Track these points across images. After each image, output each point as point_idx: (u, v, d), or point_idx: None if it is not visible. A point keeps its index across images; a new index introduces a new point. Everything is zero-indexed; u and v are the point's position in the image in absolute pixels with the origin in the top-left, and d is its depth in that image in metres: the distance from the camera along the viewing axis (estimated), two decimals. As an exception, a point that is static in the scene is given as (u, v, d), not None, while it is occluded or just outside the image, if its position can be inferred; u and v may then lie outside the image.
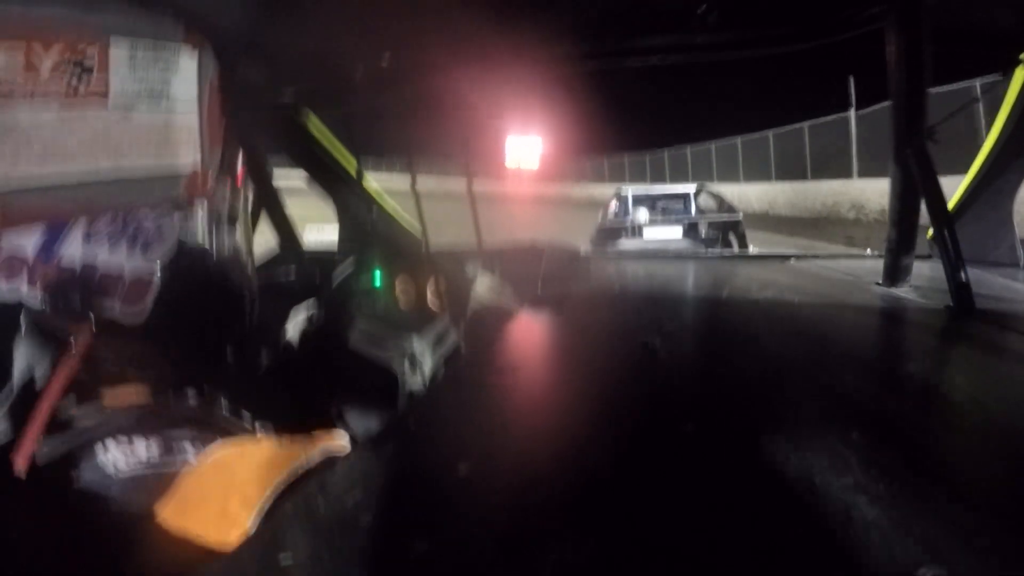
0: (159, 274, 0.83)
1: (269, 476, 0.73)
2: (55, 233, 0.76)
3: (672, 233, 5.56)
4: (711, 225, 5.60)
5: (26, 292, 0.74)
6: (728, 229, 5.55)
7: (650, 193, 6.27)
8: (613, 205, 6.11)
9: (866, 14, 1.13)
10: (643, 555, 0.38)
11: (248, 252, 1.15)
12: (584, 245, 5.04)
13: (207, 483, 0.69)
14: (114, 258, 0.80)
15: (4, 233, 0.74)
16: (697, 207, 5.96)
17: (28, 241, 0.74)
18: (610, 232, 5.60)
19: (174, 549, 0.59)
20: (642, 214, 5.82)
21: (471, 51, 1.21)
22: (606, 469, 0.51)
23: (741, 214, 5.72)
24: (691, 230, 5.56)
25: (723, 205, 6.04)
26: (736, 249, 5.17)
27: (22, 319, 0.76)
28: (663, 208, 6.02)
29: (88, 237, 0.78)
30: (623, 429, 0.60)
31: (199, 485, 0.68)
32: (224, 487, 0.68)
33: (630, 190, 6.25)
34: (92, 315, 0.77)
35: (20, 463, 0.66)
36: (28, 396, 0.71)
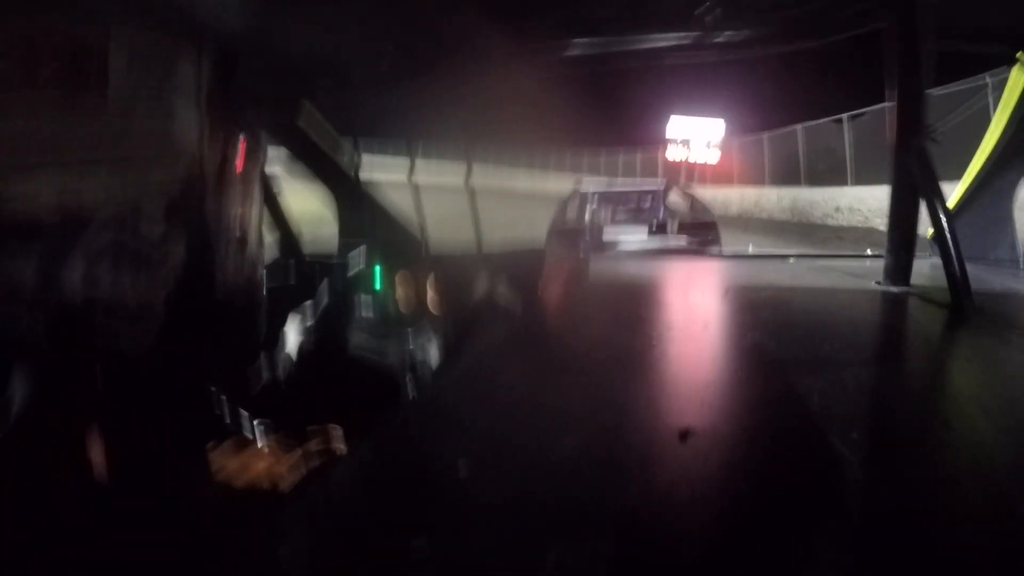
0: (164, 288, 0.81)
1: (270, 475, 0.73)
2: (56, 257, 0.74)
3: (636, 234, 5.09)
4: (684, 226, 5.30)
5: (27, 319, 0.72)
6: (701, 231, 5.27)
7: (613, 189, 5.95)
8: (569, 201, 5.57)
9: (866, 14, 1.13)
10: (643, 555, 0.38)
11: (258, 254, 1.14)
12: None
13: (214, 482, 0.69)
14: (118, 279, 0.78)
15: (3, 259, 0.71)
16: (666, 206, 5.66)
17: (28, 267, 0.72)
18: (564, 233, 5.04)
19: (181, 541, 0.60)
20: (602, 212, 5.48)
21: (470, 49, 1.21)
22: (606, 468, 0.51)
23: (715, 215, 5.50)
24: (659, 231, 5.11)
25: (696, 205, 5.77)
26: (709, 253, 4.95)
27: (25, 345, 0.74)
28: (628, 206, 5.68)
29: (90, 259, 0.76)
30: (624, 428, 0.60)
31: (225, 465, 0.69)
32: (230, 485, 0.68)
33: (590, 185, 5.77)
34: (97, 339, 0.75)
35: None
36: (29, 419, 0.71)
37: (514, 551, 0.39)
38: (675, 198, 5.73)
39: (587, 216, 5.44)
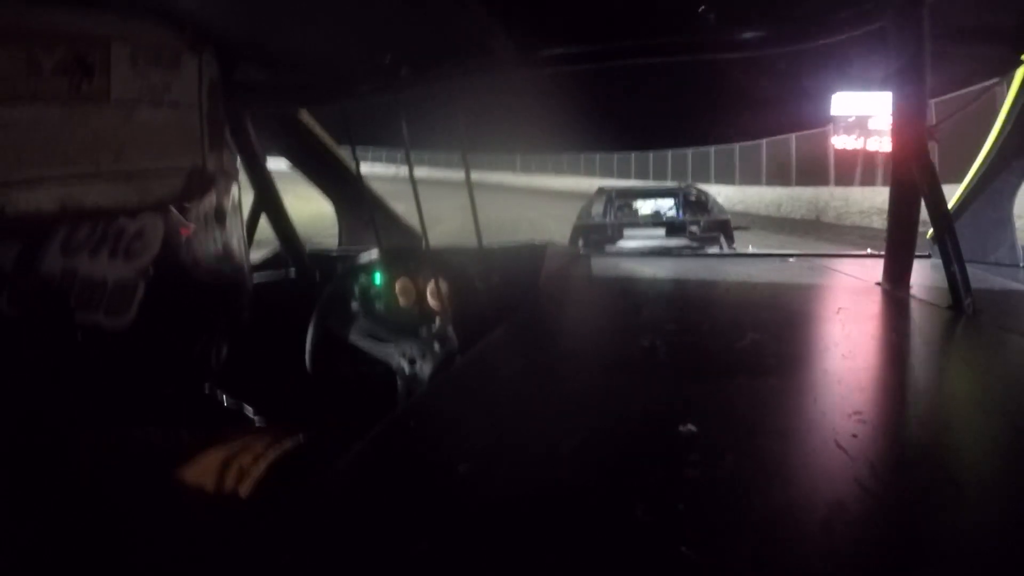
0: (143, 280, 0.81)
1: (267, 474, 0.74)
2: (33, 245, 0.74)
3: (655, 233, 5.30)
4: (699, 226, 5.41)
5: (6, 307, 0.72)
6: (716, 230, 5.37)
7: (633, 190, 6.08)
8: (593, 202, 5.80)
9: (867, 14, 1.13)
10: (643, 555, 0.38)
11: (243, 250, 1.15)
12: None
13: (204, 469, 0.70)
14: (95, 267, 0.78)
15: None
16: (682, 207, 5.77)
17: (6, 255, 0.72)
18: (588, 230, 5.27)
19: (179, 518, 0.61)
20: (623, 213, 5.62)
21: (468, 49, 1.21)
22: (607, 469, 0.51)
23: (728, 215, 5.60)
24: (676, 231, 5.30)
25: (709, 205, 5.87)
26: (725, 250, 5.07)
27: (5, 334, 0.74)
28: (646, 207, 5.83)
29: (67, 248, 0.75)
30: (624, 429, 0.60)
31: (198, 470, 0.69)
32: (219, 471, 0.69)
33: (613, 187, 6.02)
34: (75, 326, 0.75)
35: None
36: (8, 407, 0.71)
37: (514, 551, 0.39)
38: (690, 199, 5.84)
39: (610, 215, 5.59)
